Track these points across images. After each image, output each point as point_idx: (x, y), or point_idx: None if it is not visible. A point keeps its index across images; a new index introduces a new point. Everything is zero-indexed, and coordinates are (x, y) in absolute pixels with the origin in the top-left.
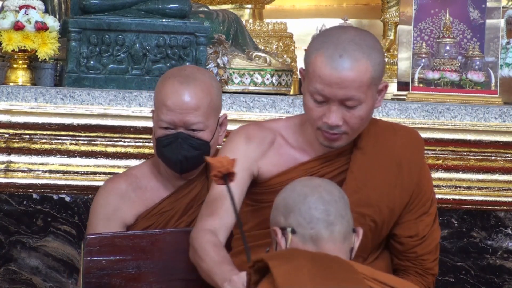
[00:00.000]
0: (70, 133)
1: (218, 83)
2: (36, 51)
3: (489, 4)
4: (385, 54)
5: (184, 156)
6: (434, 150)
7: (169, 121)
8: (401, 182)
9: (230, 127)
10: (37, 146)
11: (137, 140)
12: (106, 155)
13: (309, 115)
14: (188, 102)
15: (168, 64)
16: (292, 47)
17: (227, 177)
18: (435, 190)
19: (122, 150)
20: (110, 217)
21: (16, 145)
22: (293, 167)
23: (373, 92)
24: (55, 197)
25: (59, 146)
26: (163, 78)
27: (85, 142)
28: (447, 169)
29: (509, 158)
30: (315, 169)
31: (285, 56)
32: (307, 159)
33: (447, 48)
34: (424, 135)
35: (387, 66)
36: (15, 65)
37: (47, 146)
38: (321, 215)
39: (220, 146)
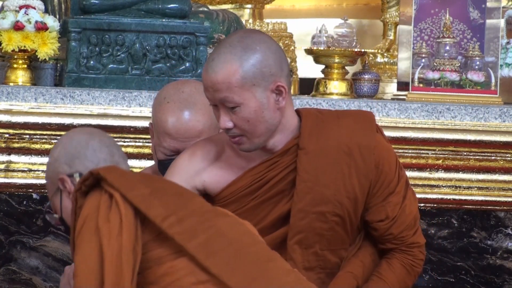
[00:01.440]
0: None
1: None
2: (36, 51)
3: (489, 4)
4: (385, 54)
5: None
6: (434, 150)
7: (173, 149)
8: (356, 170)
9: None
10: (37, 146)
11: (137, 140)
12: None
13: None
14: (191, 130)
15: (168, 64)
16: (292, 47)
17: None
18: (435, 190)
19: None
20: None
21: (16, 145)
22: (240, 176)
23: (255, 93)
24: None
25: None
26: (161, 100)
27: None
28: (447, 169)
29: (509, 158)
30: (262, 173)
31: None
32: (253, 165)
33: (447, 48)
34: (424, 135)
35: (387, 66)
36: (15, 65)
37: (47, 146)
38: (107, 156)
39: None
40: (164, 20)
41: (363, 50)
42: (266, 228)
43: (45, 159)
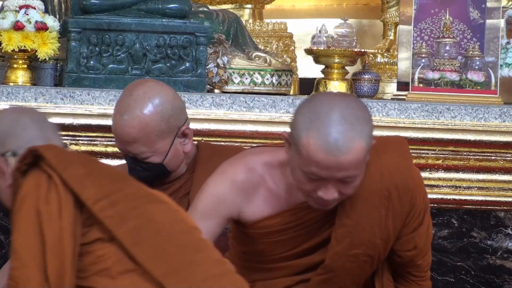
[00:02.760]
0: (70, 133)
1: (167, 105)
2: (36, 51)
3: (489, 4)
4: (385, 54)
5: (136, 177)
6: (434, 150)
7: (118, 148)
8: (392, 213)
9: (230, 127)
10: None
11: None
12: (106, 155)
13: (301, 187)
14: (125, 136)
15: (168, 64)
16: (292, 47)
17: None
18: (435, 190)
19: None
20: None
21: None
22: (281, 213)
23: (367, 157)
24: None
25: None
26: (119, 97)
27: (85, 142)
28: (447, 169)
29: (509, 158)
30: (300, 215)
31: (285, 56)
32: (292, 201)
33: (447, 48)
34: (424, 135)
35: (387, 66)
36: (15, 65)
37: None
38: (38, 132)
39: (186, 153)
40: (164, 20)
41: (363, 50)
42: (296, 255)
43: None
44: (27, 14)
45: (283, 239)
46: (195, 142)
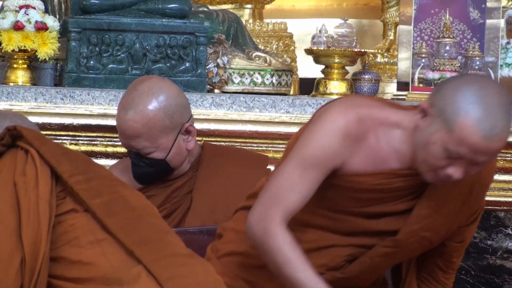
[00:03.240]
0: (70, 133)
1: (170, 101)
2: (36, 51)
3: (489, 4)
4: (385, 54)
5: (139, 173)
6: None
7: (122, 143)
8: (467, 206)
9: (230, 127)
10: None
11: None
12: (106, 155)
13: (430, 161)
14: (128, 131)
15: (168, 64)
16: (292, 47)
17: None
18: None
19: (122, 150)
20: None
21: None
22: (378, 172)
23: None
24: None
25: None
26: (123, 93)
27: (85, 142)
28: None
29: (509, 158)
30: (394, 180)
31: (285, 56)
32: (385, 167)
33: (447, 48)
34: None
35: (387, 66)
36: (15, 65)
37: None
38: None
39: (190, 150)
40: (164, 20)
41: (363, 50)
42: (370, 215)
43: None
44: (27, 14)
45: (367, 198)
46: (200, 142)
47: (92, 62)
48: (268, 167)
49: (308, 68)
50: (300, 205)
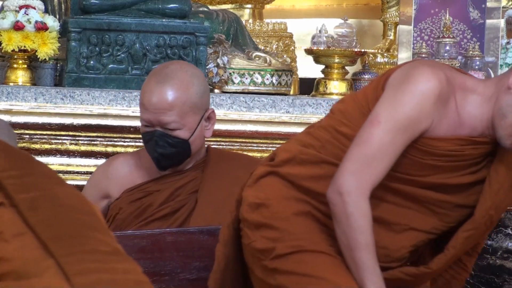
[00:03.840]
0: (70, 133)
1: (201, 80)
2: (36, 51)
3: (489, 4)
4: (385, 54)
5: (160, 153)
6: None
7: (146, 119)
8: None
9: (230, 127)
10: (37, 146)
11: (137, 140)
12: (106, 155)
13: None
14: (160, 102)
15: None
16: (292, 47)
17: None
18: None
19: (122, 150)
20: (95, 186)
21: None
22: (454, 138)
23: None
24: None
25: (59, 146)
26: (147, 77)
27: (85, 142)
28: None
29: None
30: (468, 147)
31: (285, 56)
32: (461, 132)
33: (447, 48)
34: None
35: (387, 66)
36: (15, 65)
37: (47, 146)
38: None
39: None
40: (164, 20)
41: (363, 50)
42: (443, 186)
43: (45, 159)
44: (27, 14)
45: (438, 165)
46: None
47: (92, 62)
48: None
49: (308, 68)
50: (387, 171)
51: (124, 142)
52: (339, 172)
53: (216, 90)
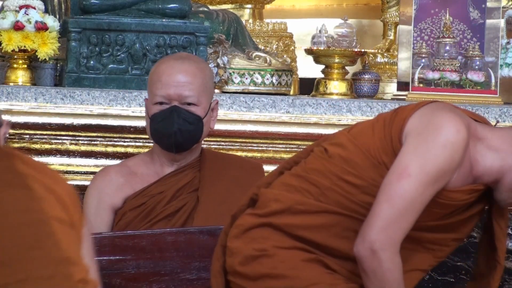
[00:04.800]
0: (70, 133)
1: (211, 70)
2: (36, 51)
3: (489, 4)
4: (385, 54)
5: (179, 128)
6: None
7: (164, 95)
8: None
9: (230, 127)
10: (37, 146)
11: (137, 140)
12: (106, 155)
13: None
14: (183, 75)
15: None
16: (292, 47)
17: None
18: None
19: (122, 150)
20: (98, 205)
21: (16, 145)
22: (469, 188)
23: None
24: None
25: (59, 146)
26: (158, 61)
27: (85, 142)
28: None
29: None
30: (473, 195)
31: (285, 56)
32: (473, 181)
33: (447, 48)
34: None
35: (387, 66)
36: (15, 65)
37: (47, 146)
38: None
39: (212, 129)
40: (164, 20)
41: (363, 50)
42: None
43: (45, 159)
44: (27, 14)
45: (443, 213)
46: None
47: (92, 62)
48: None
49: (308, 68)
50: (414, 223)
51: (124, 142)
52: (369, 228)
53: (216, 90)
